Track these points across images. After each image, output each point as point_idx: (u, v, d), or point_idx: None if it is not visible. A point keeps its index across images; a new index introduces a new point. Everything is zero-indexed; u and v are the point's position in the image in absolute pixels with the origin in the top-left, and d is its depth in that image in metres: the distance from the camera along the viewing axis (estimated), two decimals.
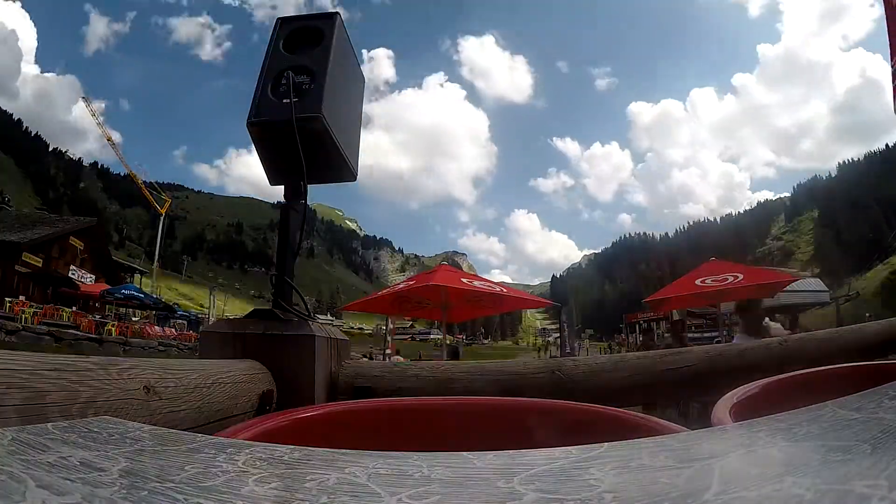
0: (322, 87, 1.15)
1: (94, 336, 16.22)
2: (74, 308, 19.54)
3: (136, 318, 23.78)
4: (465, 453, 0.33)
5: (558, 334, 15.03)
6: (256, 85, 1.19)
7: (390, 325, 13.46)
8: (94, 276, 23.34)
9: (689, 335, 11.69)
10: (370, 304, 7.67)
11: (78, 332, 15.97)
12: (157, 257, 54.34)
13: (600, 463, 0.30)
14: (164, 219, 61.32)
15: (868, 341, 1.59)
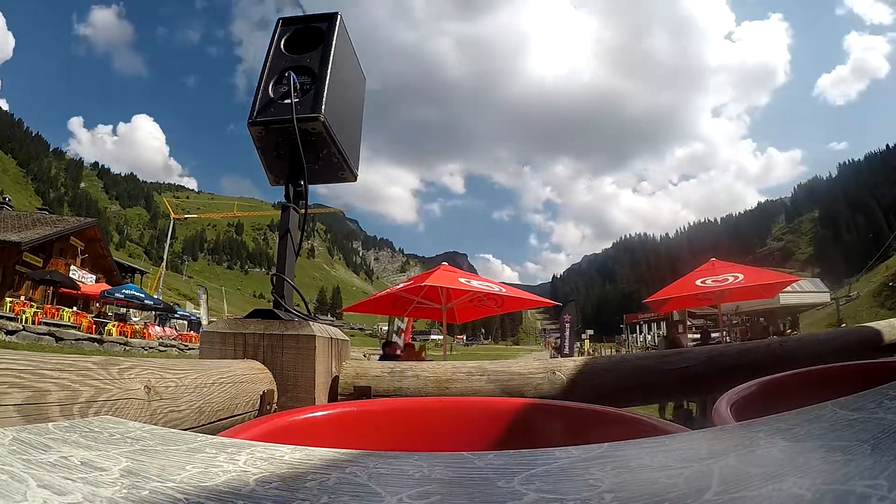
0: (323, 88, 1.15)
1: (94, 336, 16.21)
2: (75, 308, 19.53)
3: (137, 319, 23.76)
4: (465, 453, 0.33)
5: (558, 334, 14.79)
6: (257, 85, 1.20)
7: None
8: (94, 277, 23.31)
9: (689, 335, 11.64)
10: (371, 306, 7.65)
11: (78, 332, 15.95)
12: (165, 260, 54.46)
13: (600, 463, 0.30)
14: (171, 222, 61.59)
15: (868, 341, 1.59)
